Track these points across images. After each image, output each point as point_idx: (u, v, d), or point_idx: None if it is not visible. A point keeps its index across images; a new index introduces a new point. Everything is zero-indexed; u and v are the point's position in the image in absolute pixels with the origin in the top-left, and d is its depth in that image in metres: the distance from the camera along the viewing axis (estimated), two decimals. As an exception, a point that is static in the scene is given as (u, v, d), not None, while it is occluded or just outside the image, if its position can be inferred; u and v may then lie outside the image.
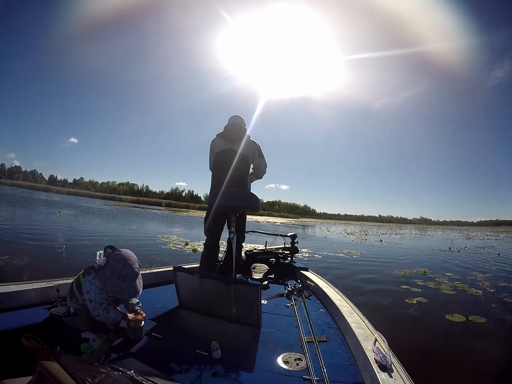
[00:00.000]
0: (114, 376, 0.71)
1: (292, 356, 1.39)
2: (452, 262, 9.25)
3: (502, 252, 12.85)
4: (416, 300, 4.33)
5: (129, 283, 1.45)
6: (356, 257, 8.73)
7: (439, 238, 23.04)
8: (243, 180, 2.59)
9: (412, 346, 2.79)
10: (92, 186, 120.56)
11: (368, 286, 5.16)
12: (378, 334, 1.44)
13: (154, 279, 2.36)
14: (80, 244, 6.66)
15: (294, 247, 3.39)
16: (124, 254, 1.49)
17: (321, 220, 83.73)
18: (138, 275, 1.51)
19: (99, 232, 9.44)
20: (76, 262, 4.54)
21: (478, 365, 2.55)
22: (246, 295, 1.73)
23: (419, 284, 5.42)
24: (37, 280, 1.77)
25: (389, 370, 1.12)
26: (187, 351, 1.39)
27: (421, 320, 3.61)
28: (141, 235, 10.30)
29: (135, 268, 1.48)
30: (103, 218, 15.99)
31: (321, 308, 2.08)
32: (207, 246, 2.60)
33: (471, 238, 24.18)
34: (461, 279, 6.29)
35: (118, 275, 1.43)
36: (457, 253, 11.83)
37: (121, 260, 1.46)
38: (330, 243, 13.10)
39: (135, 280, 1.48)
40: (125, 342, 1.41)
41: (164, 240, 8.89)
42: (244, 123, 2.69)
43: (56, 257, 5.06)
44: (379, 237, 19.54)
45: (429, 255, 10.95)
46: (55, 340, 1.30)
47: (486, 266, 8.43)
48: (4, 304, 1.50)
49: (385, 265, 7.54)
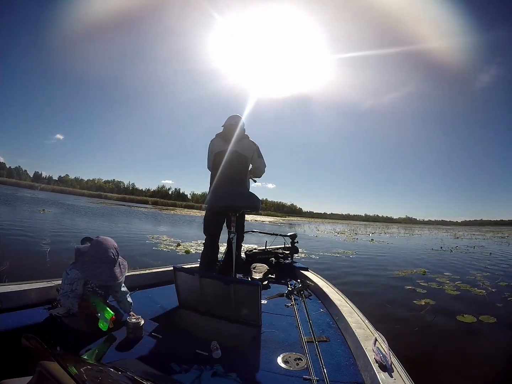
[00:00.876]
0: (114, 376, 0.71)
1: (292, 356, 1.39)
2: (448, 261, 9.28)
3: (493, 251, 13.00)
4: (424, 301, 4.31)
5: (105, 267, 1.48)
6: (352, 257, 8.70)
7: (428, 238, 23.16)
8: (243, 180, 2.59)
9: (427, 348, 2.78)
10: (78, 183, 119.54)
11: (372, 288, 5.13)
12: (378, 334, 1.44)
13: (154, 279, 2.36)
14: (65, 246, 5.98)
15: (294, 247, 3.40)
16: (100, 239, 1.55)
17: (308, 219, 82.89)
18: (116, 261, 1.54)
19: (85, 232, 8.81)
20: (60, 264, 4.17)
21: (493, 366, 2.54)
22: (246, 295, 1.73)
23: (422, 285, 5.41)
24: (37, 280, 1.77)
25: (389, 370, 1.12)
26: (187, 351, 1.38)
27: (433, 321, 3.58)
28: (129, 235, 9.82)
29: (109, 252, 1.50)
30: (89, 217, 15.42)
31: (321, 308, 2.08)
32: (207, 245, 2.59)
33: (459, 238, 24.31)
34: (461, 279, 6.28)
35: (94, 259, 1.48)
36: (450, 253, 11.90)
37: (97, 245, 1.53)
38: (323, 242, 13.02)
39: (112, 265, 1.51)
40: (125, 342, 1.41)
41: (155, 240, 8.53)
42: (243, 123, 2.69)
43: (39, 259, 4.73)
44: (369, 236, 19.56)
45: (424, 254, 10.98)
46: (55, 340, 1.30)
47: (481, 266, 8.47)
48: (4, 304, 1.49)
49: (384, 266, 7.54)
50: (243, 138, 2.59)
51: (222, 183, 2.44)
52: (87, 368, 0.70)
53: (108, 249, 1.52)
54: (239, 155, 2.53)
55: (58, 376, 0.50)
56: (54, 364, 0.52)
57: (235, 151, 2.52)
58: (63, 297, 1.49)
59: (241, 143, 2.57)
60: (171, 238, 9.32)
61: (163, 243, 8.17)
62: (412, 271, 6.81)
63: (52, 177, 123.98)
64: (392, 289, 5.16)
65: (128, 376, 0.72)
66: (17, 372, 0.67)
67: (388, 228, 38.83)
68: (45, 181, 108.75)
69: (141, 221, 17.99)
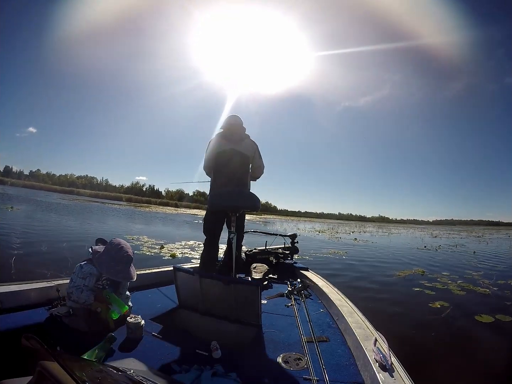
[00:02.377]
0: (114, 376, 0.71)
1: (292, 356, 1.39)
2: (439, 261, 9.33)
3: (475, 250, 13.20)
4: (438, 303, 4.30)
5: (124, 266, 1.61)
6: (345, 258, 8.58)
7: (407, 237, 23.29)
8: (244, 180, 2.59)
9: (452, 353, 2.76)
10: (49, 178, 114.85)
11: (380, 291, 5.05)
12: (378, 334, 1.44)
13: (154, 279, 2.36)
14: (33, 249, 5.40)
15: (294, 247, 3.40)
16: (120, 240, 1.67)
17: (284, 217, 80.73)
18: (132, 261, 1.66)
19: (57, 233, 7.97)
20: (25, 270, 3.79)
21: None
22: (246, 295, 1.73)
23: (427, 286, 5.41)
24: (37, 280, 1.77)
25: (389, 370, 1.12)
26: (187, 351, 1.38)
27: (454, 323, 3.58)
28: (105, 235, 8.84)
29: (129, 253, 1.63)
30: (61, 215, 14.29)
31: (321, 308, 2.08)
32: (207, 245, 2.60)
33: (437, 237, 24.44)
34: (460, 278, 6.30)
35: (114, 258, 1.58)
36: (436, 252, 11.99)
37: (118, 245, 1.63)
38: (309, 242, 12.71)
39: (129, 265, 1.64)
40: (125, 342, 1.41)
41: (134, 241, 7.65)
42: (242, 123, 2.69)
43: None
44: (350, 235, 19.52)
45: (412, 254, 10.99)
46: (55, 340, 1.30)
47: (472, 265, 8.57)
48: (4, 304, 1.49)
49: (381, 266, 7.51)
50: (245, 138, 2.60)
51: (225, 183, 2.44)
52: (87, 368, 0.70)
53: (128, 250, 1.64)
54: (242, 155, 2.54)
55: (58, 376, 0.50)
56: (54, 364, 0.52)
57: (238, 151, 2.52)
58: (76, 290, 1.50)
59: (243, 143, 2.57)
60: (152, 239, 8.45)
61: (145, 245, 7.38)
62: (410, 271, 6.81)
63: (23, 171, 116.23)
64: (400, 291, 5.11)
65: (128, 376, 0.72)
66: (17, 372, 0.67)
67: (365, 227, 38.68)
68: (15, 176, 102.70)
69: (116, 219, 16.88)
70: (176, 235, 10.32)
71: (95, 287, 1.56)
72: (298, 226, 28.64)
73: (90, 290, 1.52)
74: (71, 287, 1.52)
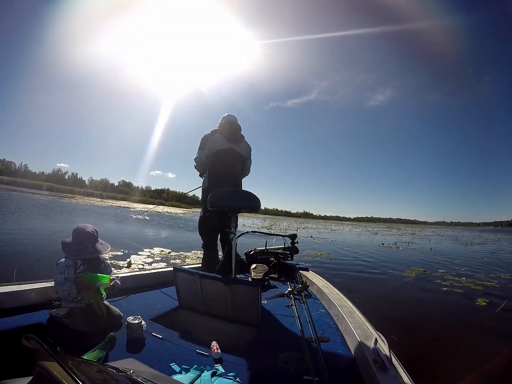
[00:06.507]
0: (114, 376, 0.71)
1: (292, 356, 1.39)
2: (415, 258, 9.48)
3: (426, 247, 13.71)
4: (483, 301, 4.35)
5: (88, 243, 1.65)
6: (334, 260, 8.15)
7: (352, 233, 23.90)
8: (240, 180, 2.63)
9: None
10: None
11: (410, 294, 4.96)
12: (378, 334, 1.44)
13: (154, 280, 2.36)
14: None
15: (294, 247, 3.41)
16: (79, 225, 1.71)
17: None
18: (97, 238, 1.70)
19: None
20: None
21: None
22: (246, 295, 1.73)
23: (444, 284, 5.47)
24: (37, 280, 1.77)
25: (389, 370, 1.12)
26: (187, 351, 1.39)
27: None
28: (34, 235, 6.87)
29: (87, 230, 1.67)
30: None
31: (321, 308, 2.08)
32: (206, 246, 2.60)
33: (378, 234, 25.06)
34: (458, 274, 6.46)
35: (77, 241, 1.65)
36: (399, 250, 12.29)
37: (77, 229, 1.69)
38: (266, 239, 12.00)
39: (92, 241, 1.67)
40: (125, 342, 1.41)
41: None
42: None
43: None
44: (307, 232, 19.26)
45: (384, 252, 11.12)
46: (55, 341, 1.30)
47: (446, 260, 8.93)
48: (4, 305, 1.50)
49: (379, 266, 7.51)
50: (243, 139, 2.60)
51: (221, 182, 2.44)
52: (87, 368, 0.70)
53: (86, 228, 1.68)
54: (241, 156, 2.56)
55: (58, 376, 0.50)
56: (54, 364, 0.52)
57: (237, 152, 2.53)
58: (59, 286, 1.54)
59: (241, 144, 2.58)
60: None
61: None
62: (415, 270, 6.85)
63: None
64: (435, 293, 5.05)
65: (128, 377, 0.72)
66: (17, 372, 0.67)
67: (303, 224, 38.57)
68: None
69: (43, 213, 14.03)
70: (135, 241, 7.75)
71: (76, 277, 1.58)
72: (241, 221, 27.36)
73: (72, 282, 1.55)
74: (56, 286, 1.56)
